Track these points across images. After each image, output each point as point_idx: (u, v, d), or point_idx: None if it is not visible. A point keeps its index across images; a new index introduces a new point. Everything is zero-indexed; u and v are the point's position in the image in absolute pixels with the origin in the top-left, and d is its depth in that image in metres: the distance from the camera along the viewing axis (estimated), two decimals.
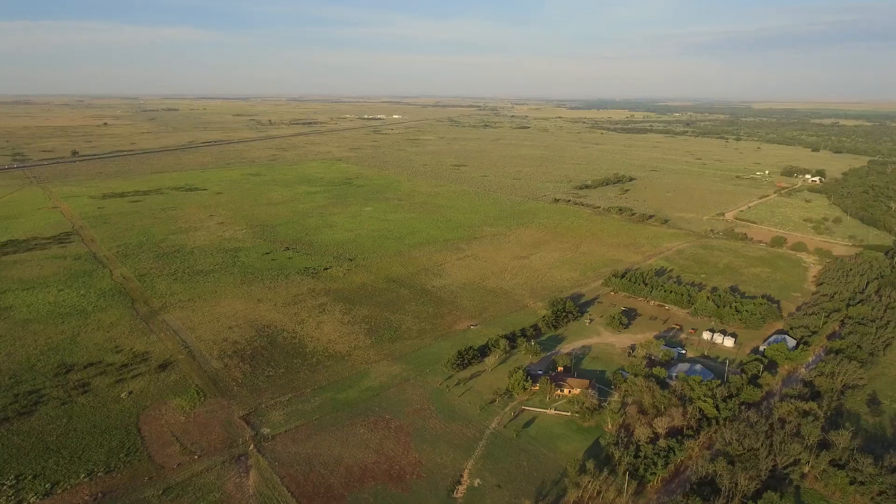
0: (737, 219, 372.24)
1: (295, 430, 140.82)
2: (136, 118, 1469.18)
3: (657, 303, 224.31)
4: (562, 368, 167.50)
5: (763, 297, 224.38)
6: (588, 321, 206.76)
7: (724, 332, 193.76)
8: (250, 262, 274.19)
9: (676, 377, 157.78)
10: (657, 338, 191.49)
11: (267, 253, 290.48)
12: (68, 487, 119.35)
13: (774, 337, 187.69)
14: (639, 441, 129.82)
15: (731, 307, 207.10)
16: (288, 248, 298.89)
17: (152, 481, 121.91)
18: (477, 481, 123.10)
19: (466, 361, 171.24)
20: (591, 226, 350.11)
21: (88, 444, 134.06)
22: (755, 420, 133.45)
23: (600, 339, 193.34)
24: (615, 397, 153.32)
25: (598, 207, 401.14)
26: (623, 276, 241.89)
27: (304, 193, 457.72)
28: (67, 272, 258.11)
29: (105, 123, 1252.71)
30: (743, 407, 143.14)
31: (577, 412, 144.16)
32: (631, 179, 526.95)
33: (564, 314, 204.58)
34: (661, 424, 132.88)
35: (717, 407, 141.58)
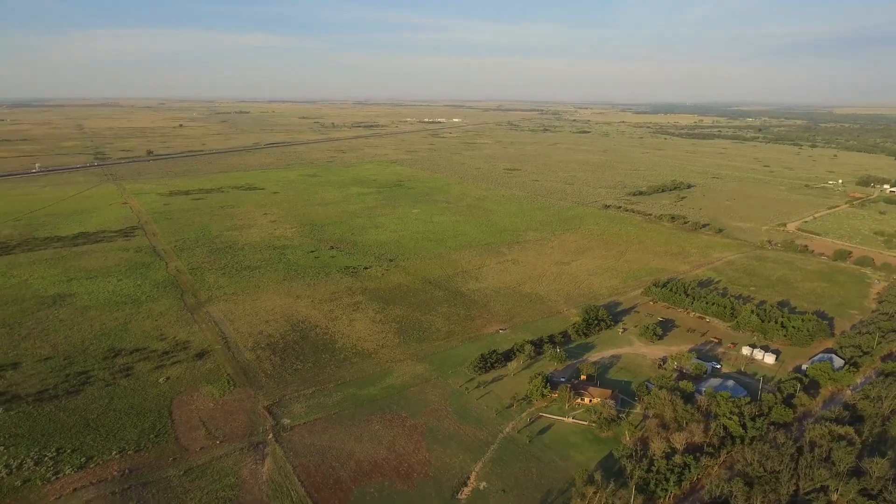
0: (799, 230, 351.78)
1: (313, 422, 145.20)
2: (209, 120, 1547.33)
3: (698, 315, 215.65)
4: (584, 377, 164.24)
5: (814, 313, 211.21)
6: (621, 330, 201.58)
7: (765, 349, 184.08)
8: (295, 260, 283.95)
9: (703, 392, 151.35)
10: (692, 351, 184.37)
11: (312, 251, 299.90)
12: (100, 463, 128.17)
13: (820, 356, 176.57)
14: (654, 455, 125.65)
15: (776, 322, 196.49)
16: (333, 247, 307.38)
17: (175, 462, 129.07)
18: (483, 484, 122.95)
19: (489, 365, 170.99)
20: (639, 233, 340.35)
21: (124, 423, 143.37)
22: (782, 441, 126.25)
23: (631, 350, 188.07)
24: (637, 409, 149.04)
25: (650, 215, 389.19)
26: (664, 286, 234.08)
27: (355, 194, 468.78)
28: (128, 263, 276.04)
29: (181, 125, 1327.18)
30: (772, 427, 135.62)
31: (594, 422, 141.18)
32: (689, 186, 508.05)
33: (596, 322, 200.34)
34: (679, 440, 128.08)
35: (743, 425, 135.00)
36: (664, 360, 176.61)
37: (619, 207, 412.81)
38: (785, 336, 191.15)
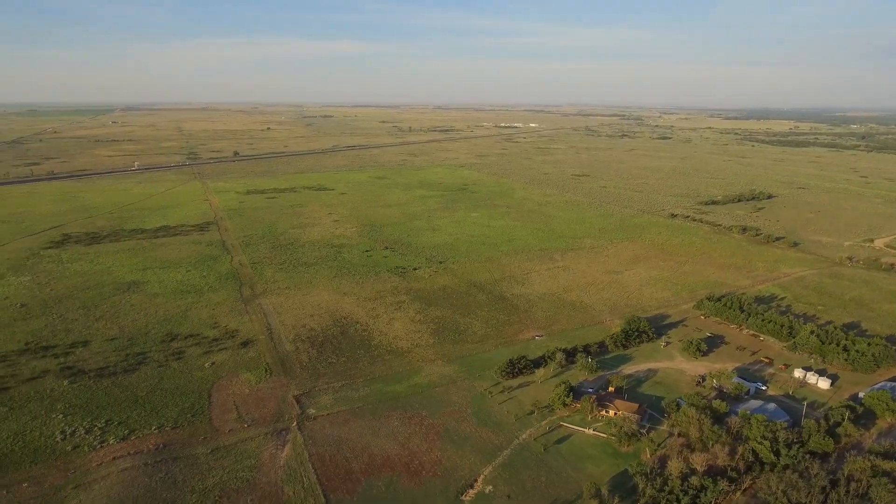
0: (888, 246, 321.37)
1: (336, 414, 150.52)
2: (295, 124, 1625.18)
3: (751, 332, 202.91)
4: (612, 389, 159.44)
5: (887, 338, 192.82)
6: (664, 344, 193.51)
7: (821, 373, 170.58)
8: (349, 258, 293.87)
9: (738, 413, 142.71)
10: (737, 370, 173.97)
11: (367, 251, 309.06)
12: (140, 436, 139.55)
13: (883, 384, 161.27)
14: (669, 475, 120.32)
15: (837, 344, 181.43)
16: (387, 248, 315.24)
17: (205, 441, 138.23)
18: (489, 488, 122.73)
19: (517, 370, 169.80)
20: (703, 244, 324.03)
21: (167, 402, 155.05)
22: (815, 472, 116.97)
23: (671, 365, 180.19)
24: (663, 426, 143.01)
25: (719, 225, 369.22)
26: (718, 300, 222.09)
27: (419, 197, 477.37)
28: (198, 256, 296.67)
29: (268, 128, 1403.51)
30: (808, 457, 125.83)
31: (613, 435, 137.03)
32: (769, 197, 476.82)
33: (637, 334, 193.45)
34: (699, 461, 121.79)
35: (776, 452, 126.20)
36: (703, 377, 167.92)
37: (687, 217, 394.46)
38: (846, 360, 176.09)
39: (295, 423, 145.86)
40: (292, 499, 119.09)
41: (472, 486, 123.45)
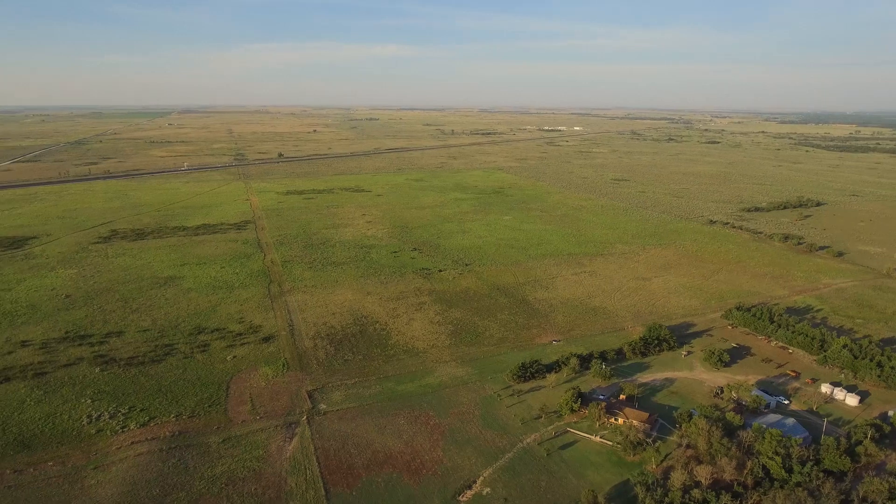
0: None
1: (346, 410, 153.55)
2: (341, 126, 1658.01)
3: (780, 344, 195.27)
4: (624, 397, 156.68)
5: None
6: (685, 353, 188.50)
7: (851, 389, 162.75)
8: (377, 259, 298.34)
9: (751, 427, 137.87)
10: (761, 382, 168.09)
11: (395, 252, 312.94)
12: (159, 423, 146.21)
13: None
14: (671, 486, 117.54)
15: (871, 360, 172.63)
16: (415, 249, 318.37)
17: (218, 430, 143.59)
18: (487, 490, 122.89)
19: (529, 375, 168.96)
20: (740, 252, 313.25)
21: (187, 392, 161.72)
22: (826, 491, 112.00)
23: (690, 375, 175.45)
24: (673, 437, 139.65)
25: (760, 233, 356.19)
26: (747, 310, 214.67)
27: (453, 200, 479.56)
28: (233, 253, 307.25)
29: (314, 130, 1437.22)
30: (823, 475, 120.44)
31: (618, 443, 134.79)
32: (818, 204, 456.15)
33: (657, 342, 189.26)
34: (703, 473, 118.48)
35: (788, 468, 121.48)
36: (721, 389, 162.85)
37: (727, 224, 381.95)
38: (879, 377, 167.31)
39: (305, 417, 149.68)
40: (294, 490, 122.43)
41: (470, 487, 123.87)
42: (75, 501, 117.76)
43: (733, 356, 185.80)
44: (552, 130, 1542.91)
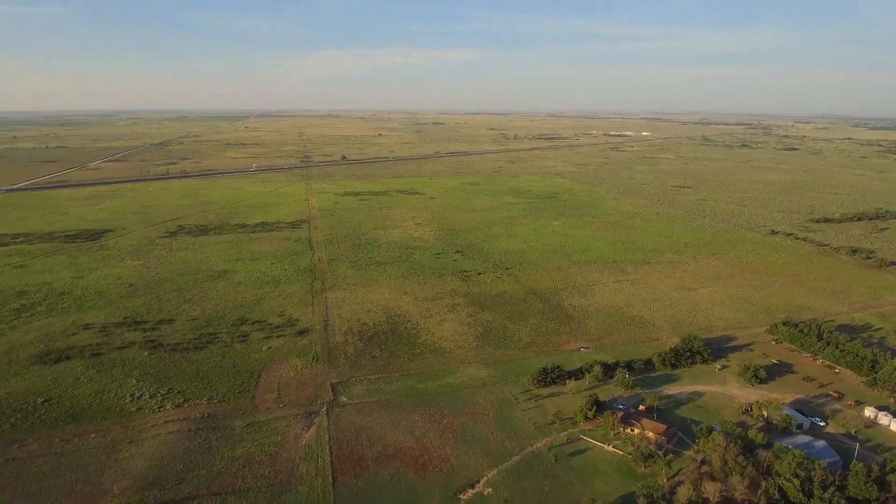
0: None
1: (364, 404, 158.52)
2: (406, 130, 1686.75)
3: (826, 363, 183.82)
4: (643, 408, 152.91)
5: None
6: (719, 367, 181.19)
7: None
8: (419, 260, 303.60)
9: (773, 447, 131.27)
10: (797, 402, 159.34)
11: (438, 254, 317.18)
12: (192, 405, 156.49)
13: None
14: (677, 501, 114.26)
15: None
16: (458, 252, 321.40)
17: (244, 415, 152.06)
18: (488, 490, 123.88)
19: (550, 380, 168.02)
20: (799, 265, 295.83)
21: (222, 378, 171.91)
22: None
23: (721, 389, 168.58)
24: (690, 451, 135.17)
25: (826, 245, 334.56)
26: (794, 326, 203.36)
27: (505, 204, 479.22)
28: (284, 251, 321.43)
29: (379, 134, 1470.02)
30: (846, 502, 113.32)
31: (629, 454, 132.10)
32: None
33: (690, 354, 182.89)
34: (712, 490, 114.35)
35: (808, 492, 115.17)
36: (751, 406, 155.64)
37: (790, 234, 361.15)
38: None
39: (325, 408, 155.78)
40: (304, 476, 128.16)
41: (472, 487, 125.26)
42: (108, 471, 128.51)
43: (772, 373, 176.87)
44: (618, 135, 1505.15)
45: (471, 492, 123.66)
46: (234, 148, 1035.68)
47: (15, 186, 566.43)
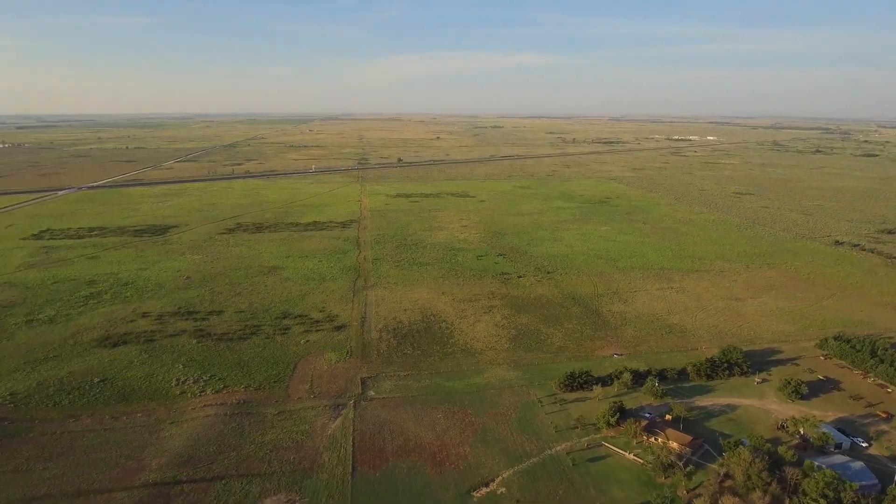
0: None
1: (391, 399, 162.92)
2: (464, 134, 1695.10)
3: (879, 381, 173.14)
4: (670, 417, 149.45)
5: None
6: (759, 380, 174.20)
7: None
8: (462, 261, 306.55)
9: (803, 464, 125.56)
10: (839, 420, 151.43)
11: (481, 256, 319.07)
12: (230, 391, 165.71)
13: None
14: None
15: None
16: (500, 254, 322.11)
17: (276, 404, 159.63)
18: (502, 490, 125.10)
19: (577, 385, 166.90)
20: (862, 278, 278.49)
21: (260, 368, 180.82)
22: None
23: (758, 403, 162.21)
24: (715, 465, 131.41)
25: (895, 258, 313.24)
26: (847, 341, 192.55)
27: (554, 208, 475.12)
28: (332, 249, 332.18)
29: (437, 137, 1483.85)
30: None
31: (648, 463, 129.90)
32: None
33: (727, 365, 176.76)
34: None
35: None
36: (787, 421, 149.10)
37: (857, 245, 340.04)
38: None
39: (353, 401, 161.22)
40: (326, 464, 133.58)
41: (486, 485, 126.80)
42: (149, 448, 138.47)
43: (816, 389, 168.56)
44: (682, 140, 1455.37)
45: (484, 490, 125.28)
46: (296, 150, 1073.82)
47: (96, 184, 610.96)
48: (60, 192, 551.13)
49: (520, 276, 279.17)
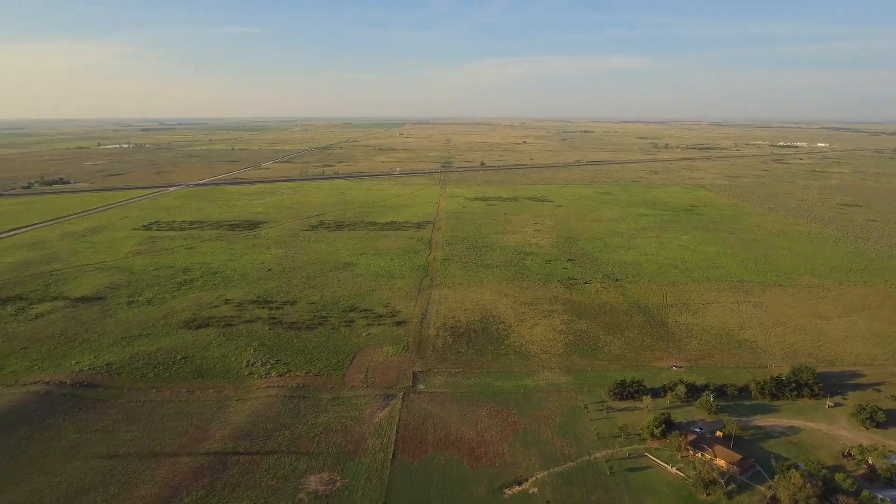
0: None
1: (439, 393, 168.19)
2: (552, 139, 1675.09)
3: None
4: (721, 434, 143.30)
5: None
6: (831, 404, 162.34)
7: None
8: (529, 265, 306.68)
9: (861, 494, 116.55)
10: None
11: (549, 261, 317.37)
12: (292, 376, 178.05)
13: None
14: None
15: None
16: (570, 260, 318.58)
17: (331, 390, 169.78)
18: (534, 490, 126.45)
19: (627, 394, 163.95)
20: None
21: (322, 356, 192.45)
22: None
23: (825, 428, 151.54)
24: (763, 487, 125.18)
25: None
26: None
27: (634, 215, 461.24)
28: (405, 249, 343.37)
29: (524, 142, 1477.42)
30: None
31: (689, 477, 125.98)
32: None
33: (795, 386, 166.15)
34: None
35: None
36: (852, 450, 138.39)
37: None
38: None
39: (402, 393, 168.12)
40: (369, 449, 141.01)
41: (519, 484, 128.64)
42: (216, 421, 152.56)
43: (891, 417, 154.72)
44: (787, 146, 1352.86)
45: (517, 488, 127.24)
46: (385, 153, 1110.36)
47: (202, 181, 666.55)
48: (171, 189, 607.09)
49: (586, 283, 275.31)
